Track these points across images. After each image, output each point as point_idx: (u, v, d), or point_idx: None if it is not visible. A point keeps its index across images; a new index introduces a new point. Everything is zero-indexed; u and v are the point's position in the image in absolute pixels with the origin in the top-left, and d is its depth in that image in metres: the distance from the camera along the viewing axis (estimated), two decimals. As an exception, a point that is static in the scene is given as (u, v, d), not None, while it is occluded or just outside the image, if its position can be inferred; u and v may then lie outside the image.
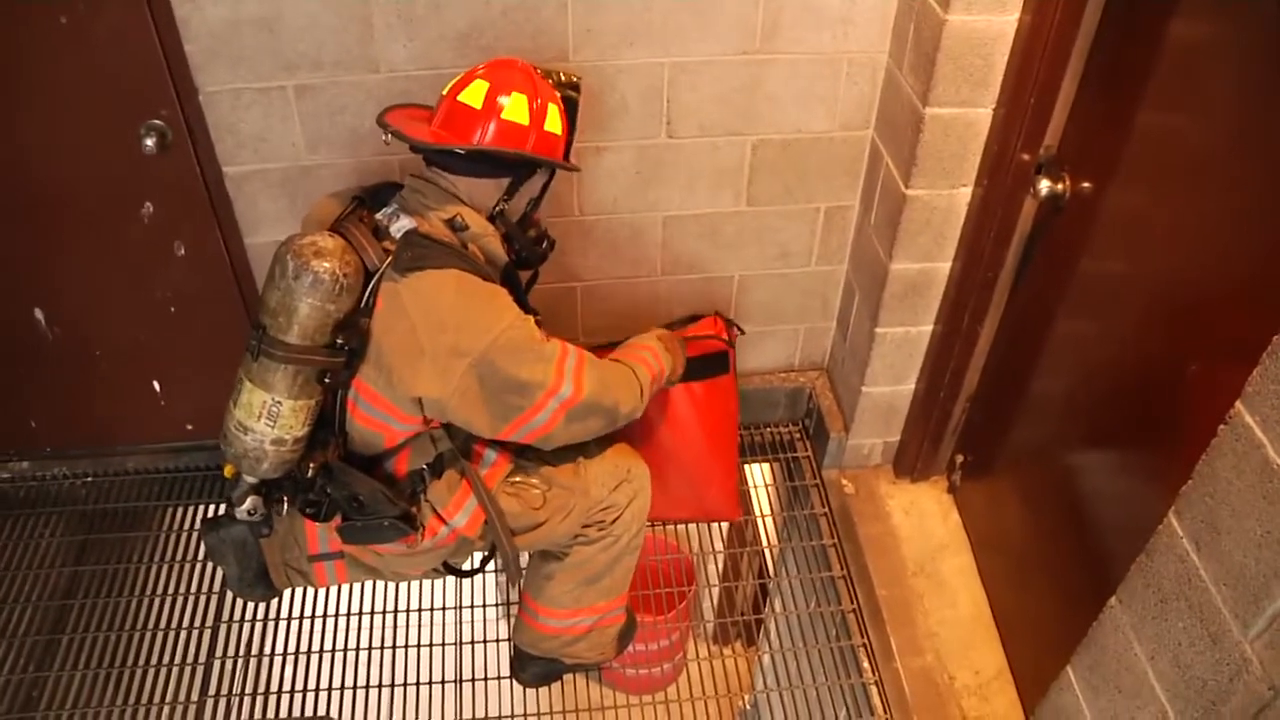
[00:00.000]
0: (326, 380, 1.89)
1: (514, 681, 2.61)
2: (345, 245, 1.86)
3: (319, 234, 1.85)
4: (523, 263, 2.14)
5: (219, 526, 2.15)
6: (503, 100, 1.94)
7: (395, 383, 1.90)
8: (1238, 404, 1.35)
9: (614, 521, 2.33)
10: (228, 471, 1.99)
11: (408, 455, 2.04)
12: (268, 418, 1.86)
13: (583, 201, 2.62)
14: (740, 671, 2.99)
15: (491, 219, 2.02)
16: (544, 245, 2.17)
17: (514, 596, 2.54)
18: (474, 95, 1.95)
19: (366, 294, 1.88)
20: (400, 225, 1.93)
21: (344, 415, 1.99)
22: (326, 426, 1.99)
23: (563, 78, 2.11)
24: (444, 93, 2.01)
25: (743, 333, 2.67)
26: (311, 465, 1.95)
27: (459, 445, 2.06)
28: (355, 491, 1.98)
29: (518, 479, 2.19)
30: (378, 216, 1.97)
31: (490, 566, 2.43)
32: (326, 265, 1.79)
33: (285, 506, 2.03)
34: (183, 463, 3.08)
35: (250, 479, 1.97)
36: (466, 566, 2.40)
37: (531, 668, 2.52)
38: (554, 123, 2.01)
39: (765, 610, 3.54)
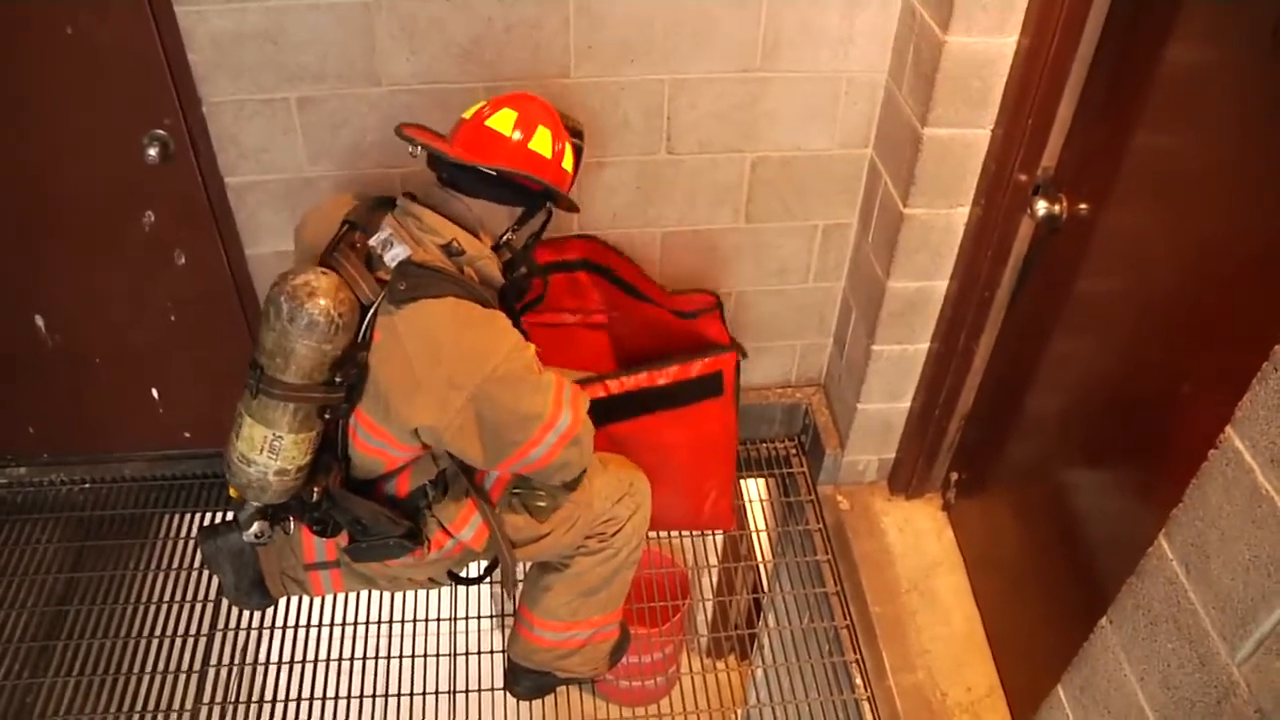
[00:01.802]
0: (326, 416, 1.89)
1: (508, 693, 2.61)
2: (339, 282, 1.84)
3: (311, 272, 1.83)
4: (519, 289, 2.14)
5: (215, 535, 2.15)
6: (530, 131, 1.97)
7: (392, 415, 1.89)
8: (1227, 428, 1.36)
9: (615, 534, 2.33)
10: (233, 492, 1.99)
11: (410, 474, 2.04)
12: (270, 451, 1.86)
13: (582, 216, 2.63)
14: (733, 686, 3.00)
15: (497, 246, 2.02)
16: (541, 274, 2.19)
17: (509, 608, 2.55)
18: (503, 122, 1.97)
19: (363, 328, 1.87)
20: (394, 254, 1.90)
21: (346, 441, 1.99)
22: (330, 450, 1.99)
23: (569, 123, 2.13)
24: (465, 117, 2.02)
25: (745, 355, 2.66)
26: (315, 490, 1.95)
27: (460, 462, 2.06)
28: (357, 515, 1.99)
29: (522, 490, 2.20)
30: (371, 243, 1.94)
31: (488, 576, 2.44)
32: (322, 305, 1.78)
33: (291, 526, 2.05)
34: (180, 470, 3.08)
35: (256, 504, 1.98)
36: (467, 575, 2.40)
37: (525, 681, 2.53)
38: (568, 161, 2.06)
39: (759, 625, 3.54)
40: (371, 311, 1.87)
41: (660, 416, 2.58)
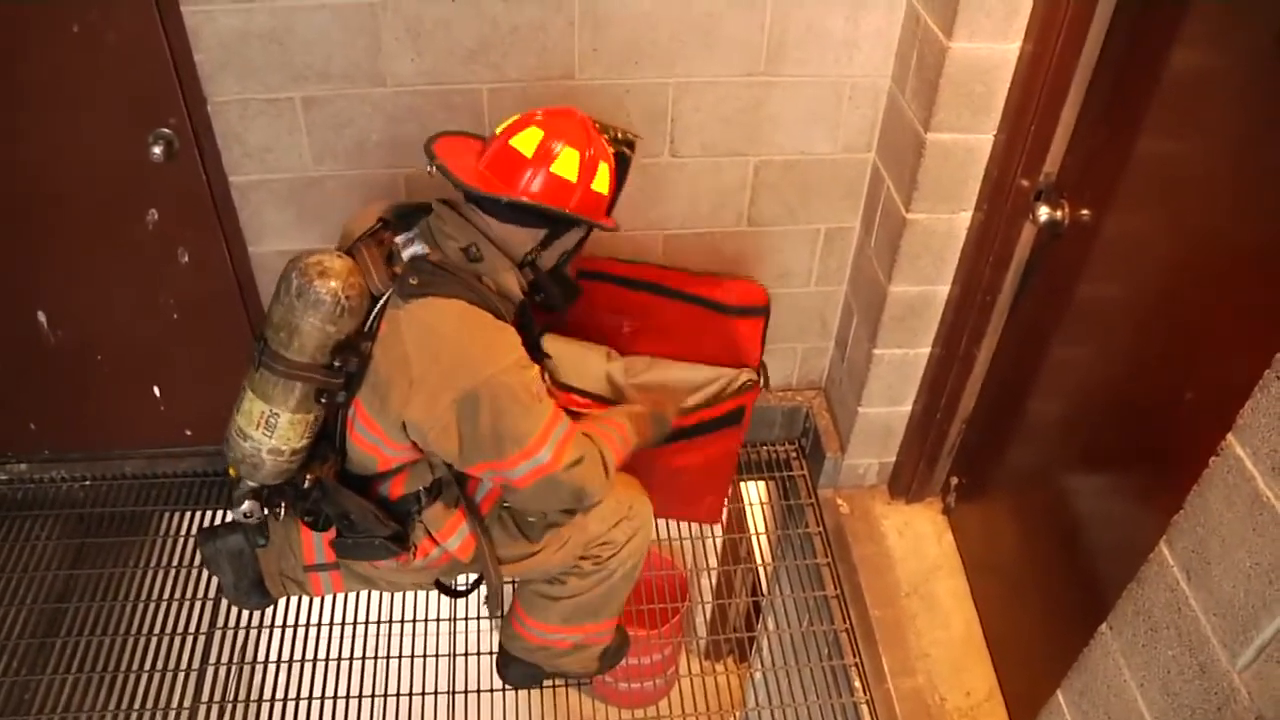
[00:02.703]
0: (324, 400, 1.89)
1: (505, 694, 2.62)
2: (352, 267, 1.84)
3: (327, 254, 1.84)
4: (545, 305, 2.09)
5: (215, 536, 2.16)
6: (554, 153, 1.88)
7: (386, 408, 1.89)
8: (1229, 436, 1.36)
9: (610, 558, 2.31)
10: (232, 471, 2.00)
11: (405, 478, 2.04)
12: (265, 427, 1.87)
13: (585, 217, 2.63)
14: (732, 688, 3.01)
15: (521, 265, 1.97)
16: (571, 292, 2.11)
17: (506, 609, 2.55)
18: (526, 142, 1.89)
19: (371, 318, 1.87)
20: (411, 251, 1.91)
21: (344, 434, 1.99)
22: (328, 441, 1.99)
23: (619, 135, 2.06)
24: (497, 131, 1.96)
25: (768, 387, 2.61)
26: (309, 477, 1.96)
27: (455, 472, 2.05)
28: (346, 510, 1.99)
29: (513, 505, 2.19)
30: (396, 240, 1.94)
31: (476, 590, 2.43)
32: (330, 285, 1.78)
33: (283, 513, 2.04)
34: (181, 468, 3.09)
35: (250, 483, 1.99)
36: (455, 586, 2.40)
37: (514, 668, 2.52)
38: (601, 182, 1.95)
39: (758, 628, 3.55)
40: (381, 303, 1.88)
41: (675, 446, 2.53)
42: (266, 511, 2.04)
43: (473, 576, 2.39)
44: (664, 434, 2.37)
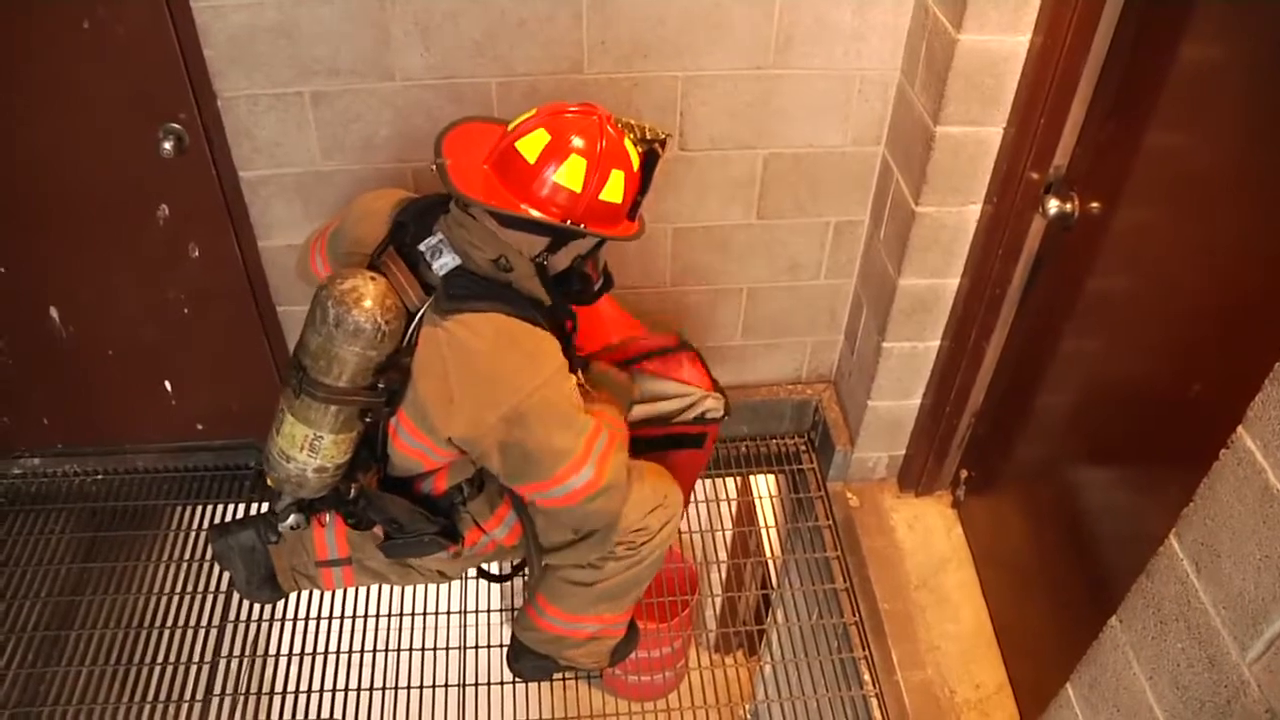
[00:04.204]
0: (368, 419, 1.89)
1: (516, 686, 2.62)
2: (386, 289, 1.82)
3: (360, 277, 1.80)
4: (574, 298, 2.05)
5: (227, 532, 2.17)
6: (559, 160, 1.80)
7: (430, 423, 1.89)
8: (1239, 428, 1.36)
9: (643, 544, 2.32)
10: (270, 482, 2.00)
11: (447, 473, 2.04)
12: (310, 450, 1.87)
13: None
14: (741, 681, 3.01)
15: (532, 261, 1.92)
16: (594, 289, 2.05)
17: (518, 602, 2.55)
18: (530, 147, 1.81)
19: (408, 333, 1.86)
20: (443, 263, 1.86)
21: (386, 440, 1.98)
22: (369, 447, 1.98)
23: (647, 132, 1.95)
24: (510, 127, 1.87)
25: (729, 414, 2.42)
26: (353, 486, 1.97)
27: None
28: (392, 515, 2.00)
29: None
30: (420, 248, 1.89)
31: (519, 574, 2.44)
32: (368, 313, 1.77)
33: (327, 518, 2.07)
34: (192, 462, 3.10)
35: (292, 497, 2.00)
36: (501, 571, 2.41)
37: (526, 659, 2.53)
38: (613, 191, 1.85)
39: (767, 621, 3.55)
40: (417, 319, 1.86)
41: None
42: (310, 521, 2.05)
43: (501, 565, 2.40)
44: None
